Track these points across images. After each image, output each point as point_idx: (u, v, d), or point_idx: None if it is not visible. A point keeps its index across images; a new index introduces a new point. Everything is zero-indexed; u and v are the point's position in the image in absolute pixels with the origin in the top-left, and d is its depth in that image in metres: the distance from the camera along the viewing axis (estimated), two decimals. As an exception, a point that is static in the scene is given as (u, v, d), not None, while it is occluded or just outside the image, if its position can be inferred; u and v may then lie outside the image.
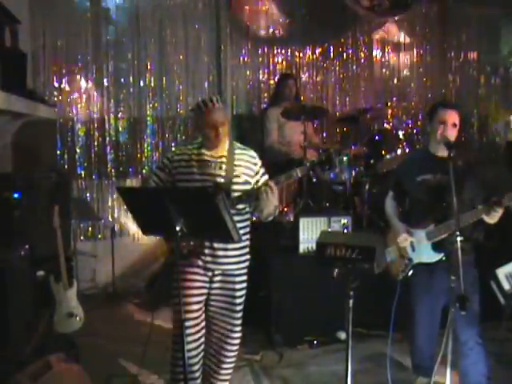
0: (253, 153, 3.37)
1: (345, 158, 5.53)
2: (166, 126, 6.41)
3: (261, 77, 6.72)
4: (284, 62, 6.79)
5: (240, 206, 3.26)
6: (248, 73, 6.68)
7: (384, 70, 6.99)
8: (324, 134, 6.87)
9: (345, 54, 6.91)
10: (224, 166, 3.24)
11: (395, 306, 3.41)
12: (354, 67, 6.93)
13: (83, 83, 6.18)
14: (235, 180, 3.24)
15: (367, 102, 6.80)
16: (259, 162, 3.36)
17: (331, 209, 5.48)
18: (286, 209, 5.56)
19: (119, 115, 6.30)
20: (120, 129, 6.30)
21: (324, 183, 5.64)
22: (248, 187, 3.25)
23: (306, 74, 6.82)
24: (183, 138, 6.44)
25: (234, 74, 6.62)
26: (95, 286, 6.08)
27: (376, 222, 5.29)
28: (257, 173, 3.34)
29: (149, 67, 6.35)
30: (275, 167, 3.98)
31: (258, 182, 3.31)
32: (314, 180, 5.56)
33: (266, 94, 6.70)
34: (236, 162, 3.27)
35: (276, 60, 6.76)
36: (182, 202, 2.73)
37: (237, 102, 6.65)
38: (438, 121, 3.53)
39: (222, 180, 3.20)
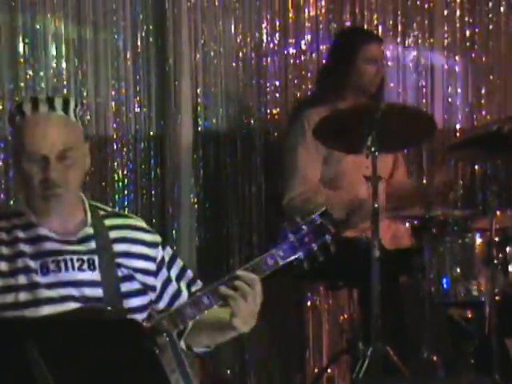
0: (139, 222, 3.34)
1: (479, 240, 4.95)
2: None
3: (264, 28, 5.60)
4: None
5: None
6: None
7: None
8: (424, 179, 6.08)
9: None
10: (97, 261, 3.12)
11: None
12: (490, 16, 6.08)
13: None
14: (125, 288, 3.10)
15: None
16: (158, 237, 3.30)
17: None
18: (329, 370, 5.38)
19: None
20: None
21: (421, 302, 4.94)
22: (148, 300, 3.12)
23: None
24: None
25: (199, 21, 5.45)
26: None
27: None
28: (161, 262, 3.24)
29: None
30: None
31: (167, 282, 3.21)
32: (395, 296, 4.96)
33: (290, 76, 5.72)
34: (116, 248, 3.17)
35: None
36: (62, 354, 2.45)
37: (203, 89, 5.47)
38: None
39: (101, 294, 3.03)
